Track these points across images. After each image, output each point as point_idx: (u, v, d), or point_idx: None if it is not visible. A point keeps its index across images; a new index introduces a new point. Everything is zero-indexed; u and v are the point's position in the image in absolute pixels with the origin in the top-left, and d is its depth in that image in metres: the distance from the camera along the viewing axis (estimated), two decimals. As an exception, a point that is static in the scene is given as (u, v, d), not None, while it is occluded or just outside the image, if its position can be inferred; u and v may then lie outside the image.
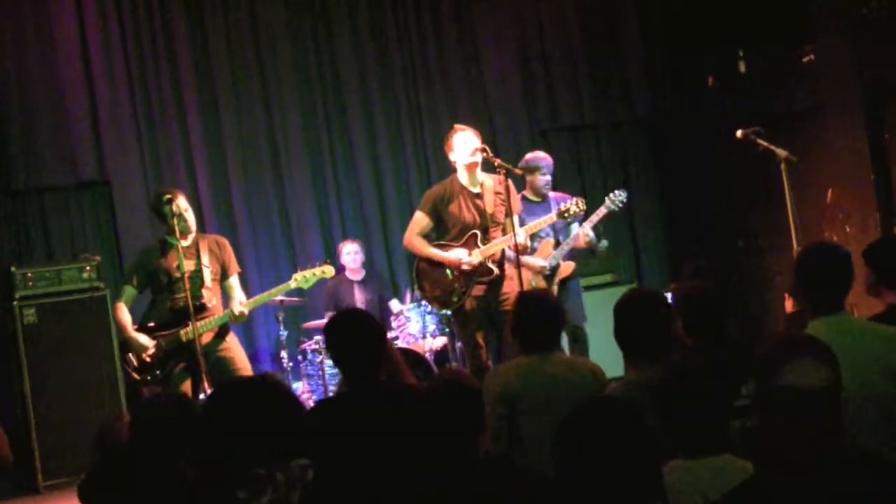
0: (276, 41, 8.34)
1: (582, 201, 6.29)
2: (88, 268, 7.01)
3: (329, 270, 6.02)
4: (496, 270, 5.96)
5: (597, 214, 6.59)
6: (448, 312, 6.61)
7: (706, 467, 2.70)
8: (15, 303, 6.76)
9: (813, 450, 2.18)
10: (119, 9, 7.93)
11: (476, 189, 5.99)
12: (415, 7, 8.77)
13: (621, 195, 6.64)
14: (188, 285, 5.52)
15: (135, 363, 5.68)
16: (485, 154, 5.86)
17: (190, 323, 5.51)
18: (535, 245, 6.62)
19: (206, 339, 5.65)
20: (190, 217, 5.72)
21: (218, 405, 2.09)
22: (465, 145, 5.92)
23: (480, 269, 5.91)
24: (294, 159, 8.36)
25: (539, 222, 6.22)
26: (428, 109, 8.74)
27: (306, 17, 8.47)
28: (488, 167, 5.97)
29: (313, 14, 8.50)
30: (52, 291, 6.88)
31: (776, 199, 6.11)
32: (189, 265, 5.63)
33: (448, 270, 5.96)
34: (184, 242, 5.65)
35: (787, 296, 5.20)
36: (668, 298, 3.94)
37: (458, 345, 6.95)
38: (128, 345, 5.71)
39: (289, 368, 7.55)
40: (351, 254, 7.94)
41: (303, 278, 5.93)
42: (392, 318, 7.68)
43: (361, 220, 8.56)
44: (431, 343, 7.44)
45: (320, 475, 2.01)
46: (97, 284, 7.01)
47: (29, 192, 7.72)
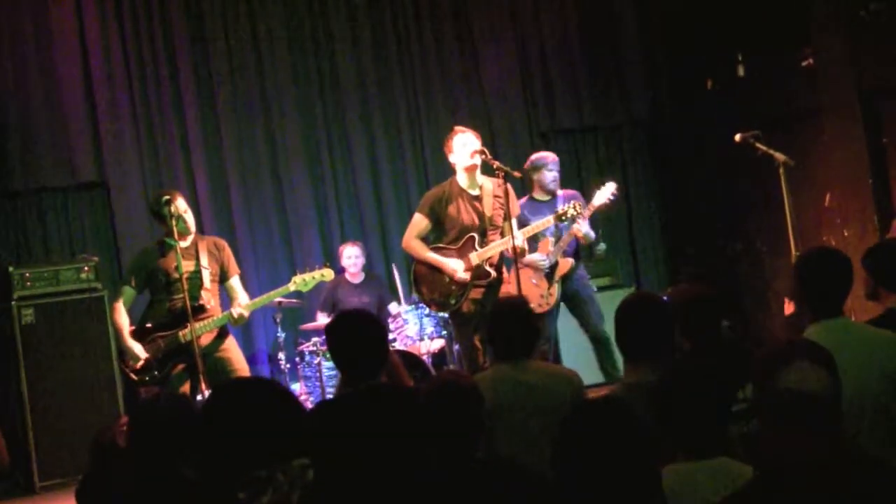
0: (275, 43, 8.32)
1: (580, 204, 6.30)
2: (86, 268, 7.01)
3: (329, 274, 6.01)
4: (493, 273, 5.96)
5: (588, 209, 6.54)
6: (446, 315, 6.62)
7: (705, 470, 2.70)
8: (13, 303, 6.76)
9: (812, 454, 2.18)
10: (118, 10, 7.91)
11: (475, 191, 5.99)
12: (414, 9, 8.76)
13: (610, 186, 6.62)
14: (187, 286, 5.52)
15: (133, 364, 5.68)
16: (484, 156, 5.86)
17: (188, 324, 5.51)
18: (536, 245, 6.64)
19: (206, 340, 5.65)
20: (189, 218, 5.72)
21: (218, 406, 2.09)
22: (464, 147, 5.92)
23: (478, 273, 5.92)
24: (293, 161, 8.34)
25: (537, 225, 6.22)
26: (427, 111, 8.72)
27: (305, 19, 8.45)
28: (487, 170, 5.97)
29: (312, 16, 8.49)
30: (50, 292, 6.88)
31: (775, 202, 6.11)
32: (188, 266, 5.62)
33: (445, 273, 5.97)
34: (182, 244, 5.64)
35: (787, 299, 5.21)
36: (666, 301, 3.96)
37: (456, 347, 6.94)
38: (122, 351, 5.73)
39: (286, 370, 7.53)
40: (352, 258, 7.94)
41: (302, 281, 5.92)
42: (390, 321, 7.67)
43: (360, 222, 8.55)
44: (429, 345, 7.43)
45: (320, 476, 2.01)
46: (95, 285, 7.00)
47: (27, 193, 7.69)
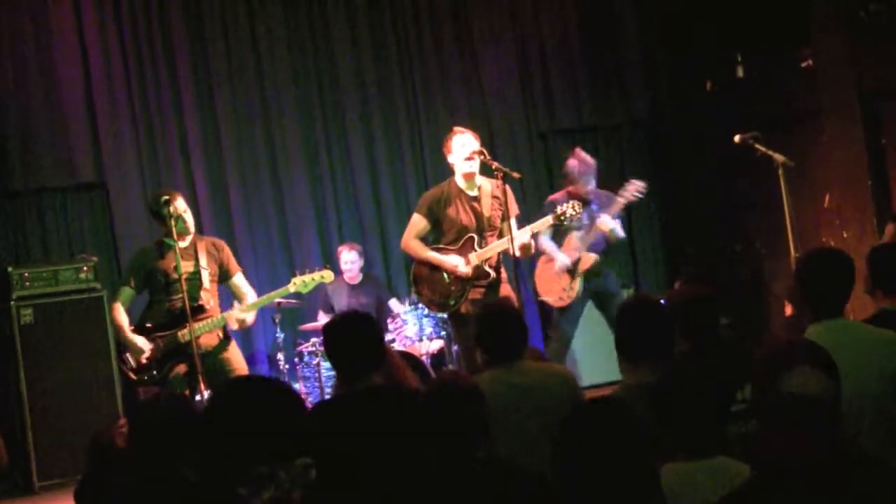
0: (274, 44, 8.32)
1: (578, 204, 6.27)
2: (85, 268, 7.00)
3: (328, 275, 6.00)
4: (493, 274, 5.96)
5: (616, 205, 6.63)
6: (445, 316, 6.62)
7: (704, 470, 2.70)
8: (12, 303, 6.75)
9: (812, 455, 2.18)
10: (117, 10, 7.90)
11: (473, 192, 5.99)
12: (413, 10, 8.76)
13: (638, 184, 6.68)
14: (186, 287, 5.52)
15: (132, 363, 5.67)
16: (482, 157, 5.85)
17: (188, 324, 5.51)
18: (562, 241, 6.74)
19: (206, 340, 5.65)
20: (188, 218, 5.71)
21: (220, 405, 2.09)
22: (463, 148, 5.92)
23: (477, 273, 5.91)
24: (292, 162, 8.34)
25: (537, 224, 6.21)
26: (426, 112, 8.71)
27: (304, 19, 8.45)
28: (486, 170, 5.96)
29: (311, 17, 8.48)
30: (49, 292, 6.87)
31: (774, 202, 6.11)
32: (187, 267, 5.61)
33: (445, 274, 5.96)
34: (182, 244, 5.63)
35: (787, 300, 5.21)
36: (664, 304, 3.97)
37: (455, 348, 6.94)
38: (125, 346, 5.71)
39: (285, 371, 7.53)
40: (348, 263, 7.92)
41: (302, 283, 5.91)
42: (389, 321, 7.67)
43: (359, 223, 8.54)
44: (428, 346, 7.42)
45: (321, 476, 2.00)
46: (94, 285, 7.00)
47: (27, 193, 7.68)
